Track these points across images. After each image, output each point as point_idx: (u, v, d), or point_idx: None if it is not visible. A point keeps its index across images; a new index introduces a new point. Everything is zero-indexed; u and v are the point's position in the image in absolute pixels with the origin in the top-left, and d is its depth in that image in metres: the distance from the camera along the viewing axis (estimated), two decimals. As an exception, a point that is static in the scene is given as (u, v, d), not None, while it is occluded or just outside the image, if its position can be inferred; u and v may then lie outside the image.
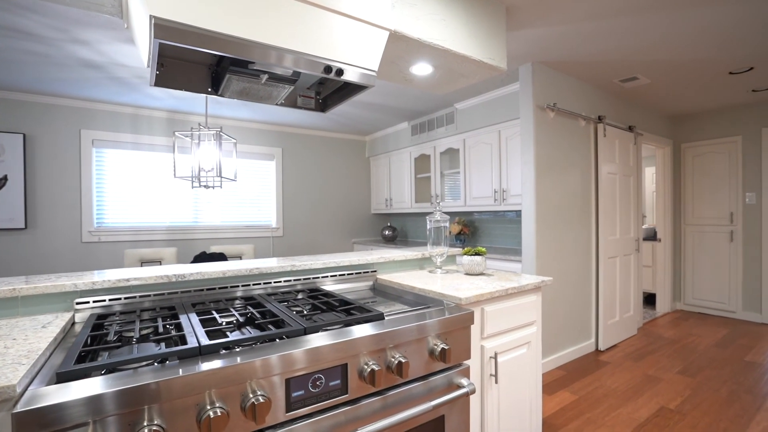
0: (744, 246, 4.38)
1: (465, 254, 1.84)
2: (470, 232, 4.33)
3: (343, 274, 1.81)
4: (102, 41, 2.61)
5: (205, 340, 0.96)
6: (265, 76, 1.42)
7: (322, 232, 5.46)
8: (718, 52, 2.87)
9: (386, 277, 1.87)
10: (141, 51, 1.42)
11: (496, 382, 1.53)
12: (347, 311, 1.30)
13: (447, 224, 1.96)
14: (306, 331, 1.08)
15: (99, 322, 1.19)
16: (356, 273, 1.84)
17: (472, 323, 1.34)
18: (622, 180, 3.80)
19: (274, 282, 1.62)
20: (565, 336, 3.23)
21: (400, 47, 1.73)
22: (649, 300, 5.38)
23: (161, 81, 1.40)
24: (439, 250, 1.95)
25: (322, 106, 1.80)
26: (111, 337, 1.02)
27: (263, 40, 1.22)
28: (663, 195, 4.79)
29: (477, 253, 1.81)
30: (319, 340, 1.03)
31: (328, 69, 1.34)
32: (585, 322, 3.43)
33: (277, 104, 1.69)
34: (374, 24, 1.43)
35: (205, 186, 3.11)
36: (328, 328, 1.13)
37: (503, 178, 3.61)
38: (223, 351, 0.95)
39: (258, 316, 1.23)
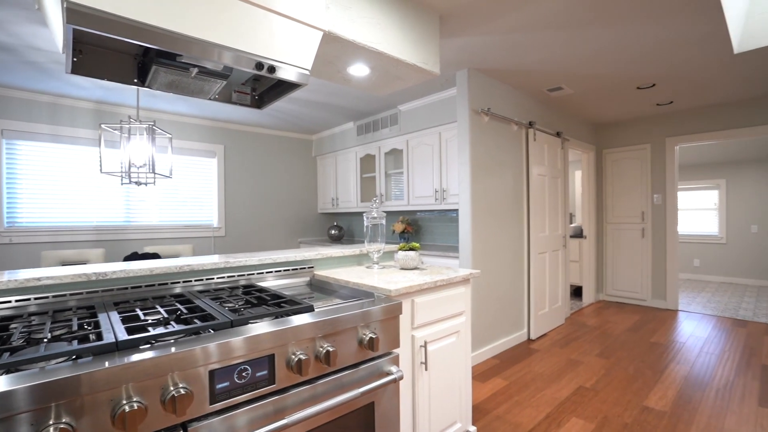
0: (652, 241, 4.92)
1: (400, 250, 1.92)
2: (413, 231, 4.47)
3: (280, 271, 1.81)
4: (12, 21, 2.39)
5: (123, 336, 0.94)
6: (195, 70, 1.39)
7: (267, 231, 5.34)
8: (626, 69, 3.21)
9: (323, 273, 1.90)
10: (55, 35, 1.34)
11: (426, 369, 1.62)
12: (278, 305, 1.32)
13: (384, 221, 2.03)
14: (233, 324, 1.09)
15: (2, 324, 1.11)
16: (293, 269, 1.86)
17: (401, 313, 1.41)
18: (550, 181, 4.11)
19: (207, 279, 1.59)
20: (500, 327, 3.45)
21: (336, 48, 1.77)
22: (578, 292, 5.86)
23: (79, 69, 1.33)
24: (376, 247, 2.01)
25: (258, 102, 1.79)
26: (15, 338, 0.96)
27: (191, 33, 1.20)
28: (588, 196, 5.25)
29: (411, 249, 1.90)
30: (245, 331, 1.04)
31: (259, 66, 1.35)
32: (518, 313, 3.68)
33: (210, 99, 1.66)
34: (308, 24, 1.46)
35: (136, 183, 2.94)
36: (256, 320, 1.15)
37: (443, 178, 3.77)
38: (145, 346, 0.93)
39: (185, 312, 1.21)
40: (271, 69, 1.37)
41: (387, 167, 4.57)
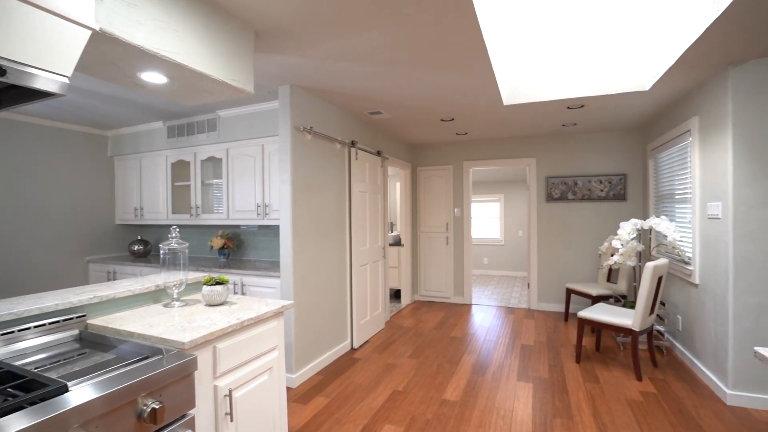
0: (454, 248, 5.85)
1: (205, 284, 1.71)
2: (235, 246, 4.15)
3: (29, 328, 1.38)
4: None
5: None
6: None
7: (37, 250, 4.13)
8: (431, 104, 3.71)
9: (101, 321, 1.54)
10: None
11: (232, 420, 1.48)
12: (10, 390, 0.98)
13: (186, 251, 1.78)
14: None
15: None
16: (52, 323, 1.44)
17: (196, 369, 1.24)
18: (371, 197, 4.42)
19: None
20: (324, 342, 3.50)
21: (118, 50, 1.46)
22: (397, 294, 6.48)
23: None
24: (176, 280, 1.75)
25: (-7, 102, 1.33)
26: None
27: None
28: (405, 208, 5.87)
29: (218, 283, 1.72)
30: (-70, 454, 0.73)
31: (-22, 64, 0.99)
32: (341, 325, 3.81)
33: None
34: (67, 17, 1.15)
35: None
36: (-40, 427, 0.82)
37: (266, 192, 3.62)
38: None
39: None
40: (0, 71, 1.02)
41: (204, 176, 4.12)
